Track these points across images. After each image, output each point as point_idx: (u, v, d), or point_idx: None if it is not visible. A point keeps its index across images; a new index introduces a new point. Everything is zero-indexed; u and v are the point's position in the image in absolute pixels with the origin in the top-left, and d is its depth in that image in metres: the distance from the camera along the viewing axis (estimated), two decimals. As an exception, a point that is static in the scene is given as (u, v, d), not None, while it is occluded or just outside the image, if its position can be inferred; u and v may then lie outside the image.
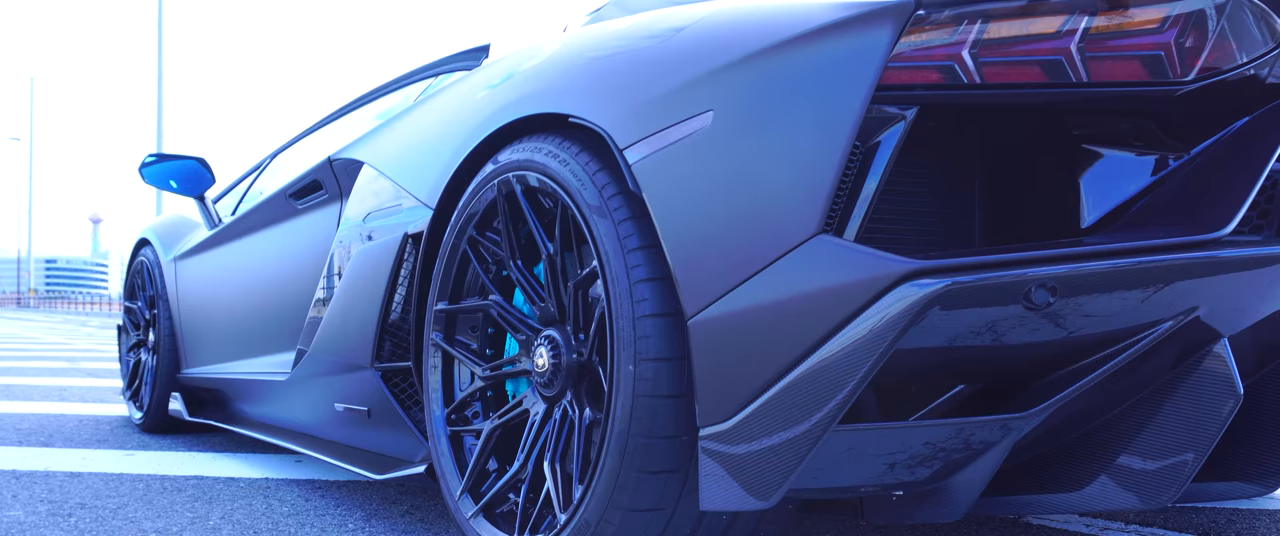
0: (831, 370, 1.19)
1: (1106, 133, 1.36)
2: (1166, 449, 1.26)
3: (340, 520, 2.14)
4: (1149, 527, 2.14)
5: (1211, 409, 1.22)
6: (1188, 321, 1.19)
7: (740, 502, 1.29)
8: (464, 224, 1.75)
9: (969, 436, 1.27)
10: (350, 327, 2.09)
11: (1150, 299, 1.17)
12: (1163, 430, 1.25)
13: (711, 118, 1.31)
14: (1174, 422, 1.25)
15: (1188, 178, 1.30)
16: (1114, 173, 1.36)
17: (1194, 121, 1.32)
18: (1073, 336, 1.20)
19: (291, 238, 2.73)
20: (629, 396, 1.35)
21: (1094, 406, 1.29)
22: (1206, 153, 1.32)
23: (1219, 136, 1.32)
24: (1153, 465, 1.27)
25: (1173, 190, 1.30)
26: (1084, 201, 1.37)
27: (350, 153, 2.38)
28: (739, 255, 1.26)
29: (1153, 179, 1.34)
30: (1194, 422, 1.24)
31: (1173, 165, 1.34)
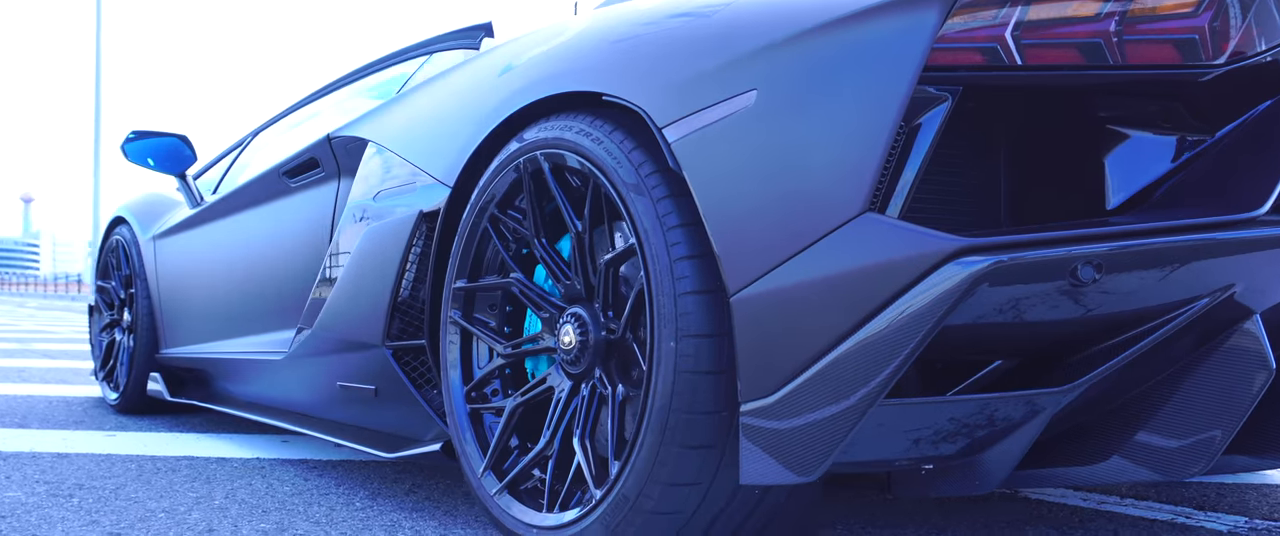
0: (878, 345, 1.21)
1: (1134, 115, 1.39)
2: (1199, 422, 1.29)
3: (346, 498, 2.13)
4: (1144, 501, 2.20)
5: (1244, 383, 1.26)
6: (1224, 298, 1.22)
7: (781, 476, 1.31)
8: (485, 202, 1.75)
9: (1006, 411, 1.30)
10: (358, 306, 2.08)
11: (1190, 276, 1.20)
12: (1195, 403, 1.29)
13: (755, 97, 1.32)
14: (1206, 396, 1.28)
15: (1215, 160, 1.33)
16: (1141, 154, 1.39)
17: (1218, 105, 1.35)
18: (1113, 312, 1.23)
19: (286, 216, 2.70)
20: (670, 372, 1.36)
21: (1127, 380, 1.32)
22: (1231, 135, 1.35)
23: (1242, 119, 1.35)
24: (1185, 437, 1.31)
25: (1200, 172, 1.33)
26: (1111, 182, 1.40)
27: (353, 131, 2.35)
28: (783, 233, 1.27)
29: (1180, 160, 1.37)
30: (1226, 396, 1.27)
31: (1199, 147, 1.37)
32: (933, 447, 1.35)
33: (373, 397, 2.12)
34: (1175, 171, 1.36)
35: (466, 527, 1.87)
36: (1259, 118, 1.34)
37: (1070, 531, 1.89)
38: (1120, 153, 1.40)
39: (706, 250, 1.37)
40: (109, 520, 1.90)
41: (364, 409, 2.18)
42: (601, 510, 1.46)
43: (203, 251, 3.21)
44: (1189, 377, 1.29)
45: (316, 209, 2.56)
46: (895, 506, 2.08)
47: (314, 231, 2.56)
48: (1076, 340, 1.28)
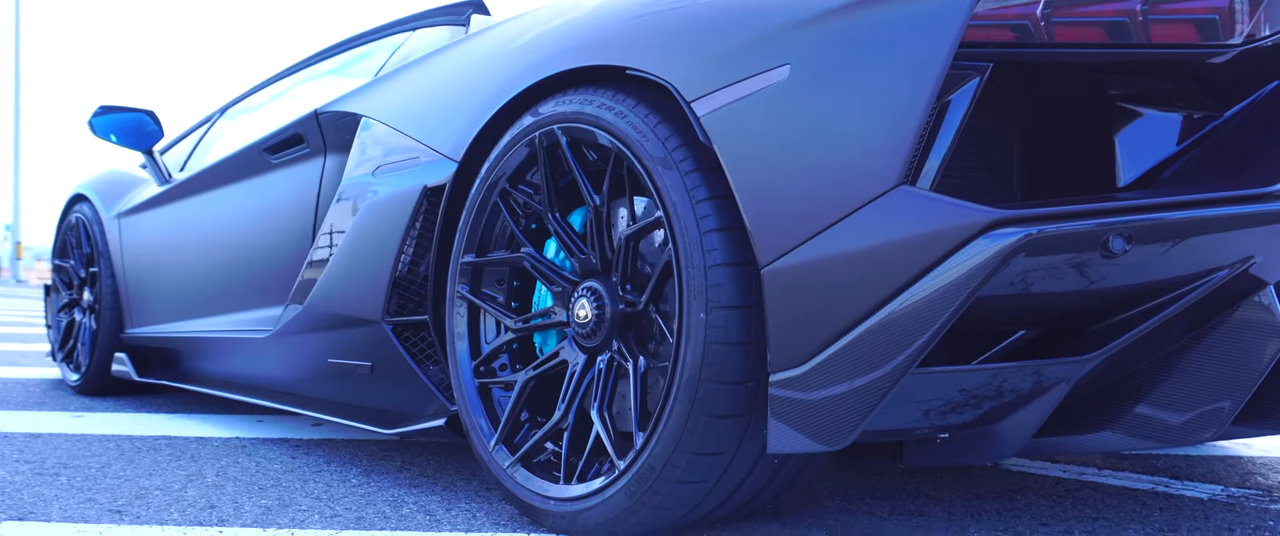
0: (912, 316, 1.23)
1: (1147, 93, 1.43)
2: (1212, 390, 1.34)
3: (340, 475, 2.11)
4: (1121, 472, 2.27)
5: (1257, 352, 1.31)
6: (1243, 269, 1.27)
7: (809, 445, 1.33)
8: (496, 176, 1.75)
9: (1028, 380, 1.33)
10: (356, 281, 2.06)
11: (1213, 247, 1.25)
12: (1209, 372, 1.34)
13: (788, 72, 1.33)
14: (1220, 365, 1.33)
15: (1228, 138, 1.38)
16: (1153, 132, 1.43)
17: (1228, 85, 1.40)
18: (1139, 283, 1.27)
19: (267, 192, 2.66)
20: (700, 343, 1.38)
21: (1141, 350, 1.37)
22: (1241, 115, 1.40)
23: (1251, 99, 1.40)
24: (1198, 405, 1.36)
25: (1213, 149, 1.38)
26: (1123, 159, 1.44)
27: (344, 106, 2.33)
28: (816, 206, 1.29)
29: (1192, 139, 1.42)
30: (1239, 365, 1.32)
31: (1210, 126, 1.41)
32: (954, 416, 1.39)
33: (368, 374, 2.10)
34: (1188, 149, 1.40)
35: (470, 501, 1.87)
36: (1265, 99, 1.39)
37: (1058, 501, 1.94)
38: (1133, 130, 1.44)
39: (736, 223, 1.39)
40: (104, 497, 1.86)
41: (357, 385, 2.17)
42: (626, 480, 1.47)
43: (174, 229, 3.14)
44: (1203, 347, 1.34)
45: (301, 185, 2.53)
46: (889, 478, 2.12)
47: (298, 208, 2.52)
48: (1101, 310, 1.32)
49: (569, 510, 1.56)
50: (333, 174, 2.45)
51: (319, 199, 2.48)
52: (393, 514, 1.77)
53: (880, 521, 1.74)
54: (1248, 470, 2.34)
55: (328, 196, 2.45)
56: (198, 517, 1.72)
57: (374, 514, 1.77)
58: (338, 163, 2.44)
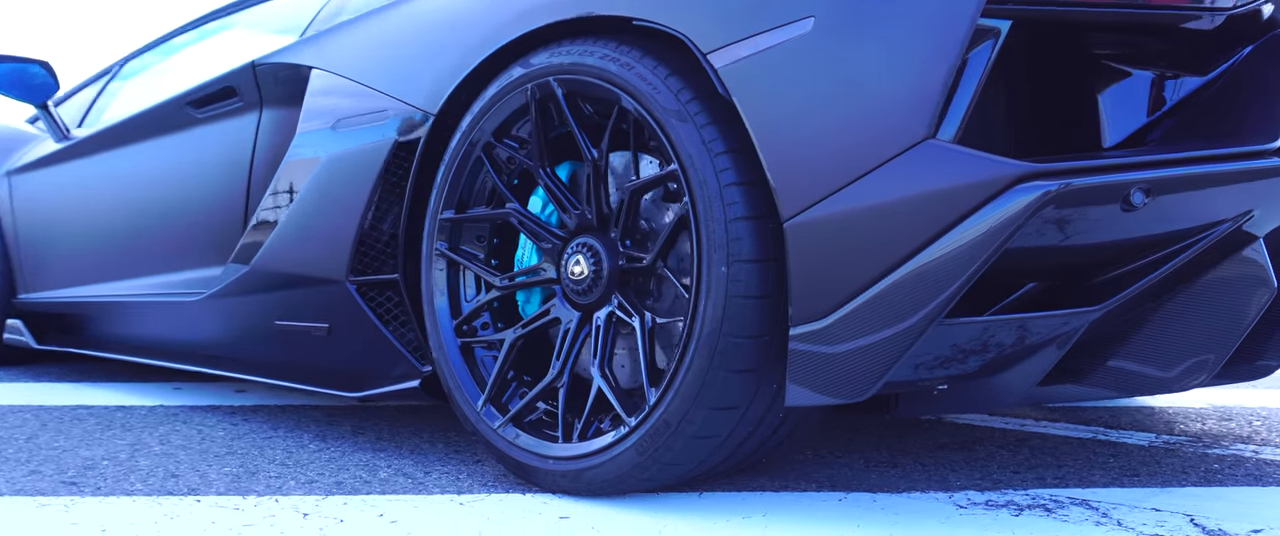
0: (940, 269, 1.25)
1: (1139, 54, 1.48)
2: (1201, 340, 1.41)
3: (295, 441, 2.03)
4: (1057, 423, 2.37)
5: (1247, 301, 1.38)
6: (1242, 223, 1.33)
7: (829, 398, 1.34)
8: (479, 130, 1.69)
9: (1040, 330, 1.37)
10: (314, 240, 1.97)
11: (1220, 201, 1.30)
12: (1202, 321, 1.40)
13: (812, 24, 1.33)
14: (1212, 315, 1.40)
15: (1216, 98, 1.44)
16: (1144, 91, 1.48)
17: (1215, 49, 1.46)
18: (1150, 235, 1.32)
19: (193, 149, 2.52)
20: (721, 297, 1.37)
21: (1138, 301, 1.42)
22: (1226, 76, 1.46)
23: (1234, 60, 1.46)
24: (1188, 355, 1.43)
25: (1203, 108, 1.44)
26: (1115, 117, 1.49)
27: (289, 57, 2.21)
28: (841, 159, 1.30)
29: (1180, 97, 1.47)
30: (1231, 314, 1.39)
31: (1196, 85, 1.47)
32: (958, 367, 1.42)
33: (324, 336, 2.02)
34: (1178, 108, 1.46)
35: (446, 464, 1.82)
36: (1245, 60, 1.45)
37: (1015, 450, 2.02)
38: (1124, 90, 1.49)
39: (755, 177, 1.38)
40: (49, 469, 1.74)
41: (310, 348, 2.08)
42: (638, 436, 1.45)
43: (78, 188, 2.95)
44: (1196, 300, 1.40)
45: (233, 141, 2.41)
46: (857, 431, 2.16)
47: (230, 165, 2.40)
48: (1111, 262, 1.36)
49: (571, 468, 1.53)
50: (270, 129, 2.33)
51: (254, 155, 2.37)
52: (371, 478, 1.71)
53: (860, 472, 1.78)
54: (1169, 419, 2.48)
55: (264, 153, 2.34)
56: (165, 487, 1.63)
57: (351, 478, 1.71)
58: (276, 117, 2.33)
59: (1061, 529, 1.41)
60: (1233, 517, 1.48)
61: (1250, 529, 1.42)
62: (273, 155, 2.32)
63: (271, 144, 2.33)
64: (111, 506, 1.49)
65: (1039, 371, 1.44)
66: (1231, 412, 2.61)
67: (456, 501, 1.55)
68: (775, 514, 1.48)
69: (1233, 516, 1.49)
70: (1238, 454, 2.02)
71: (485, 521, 1.44)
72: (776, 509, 1.51)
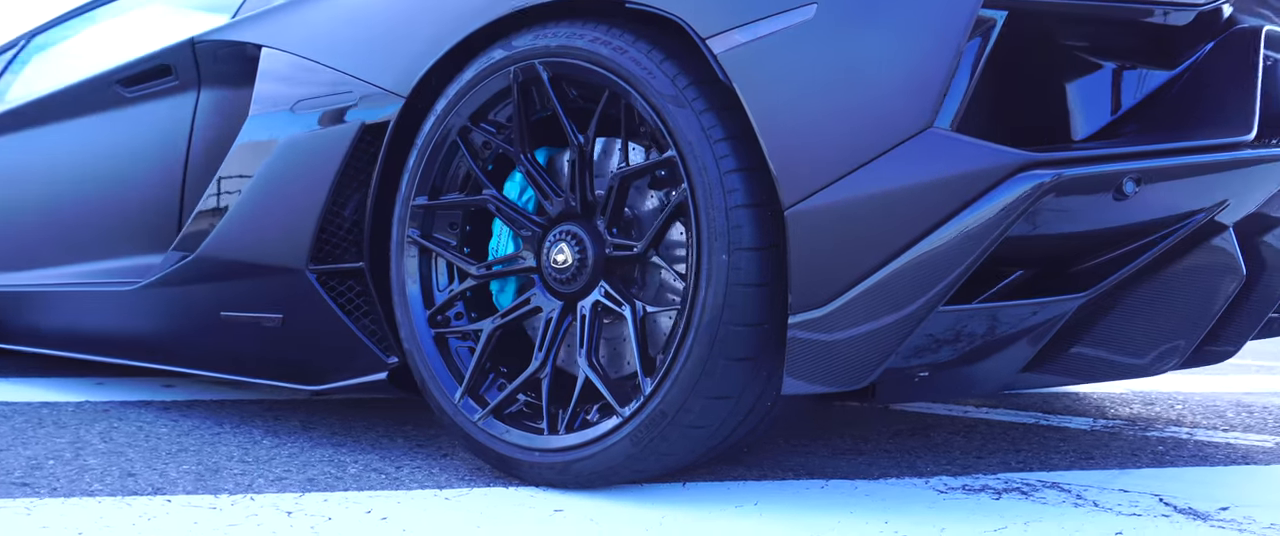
0: (941, 256, 1.27)
1: (1110, 47, 1.52)
2: (1177, 323, 1.47)
3: (246, 437, 1.95)
4: (997, 409, 2.44)
5: (1218, 287, 1.44)
6: (1217, 212, 1.39)
7: (827, 385, 1.35)
8: (455, 114, 1.65)
9: (1029, 316, 1.41)
10: (270, 228, 1.90)
11: (1200, 191, 1.36)
12: (1175, 307, 1.46)
13: (815, 10, 1.33)
14: (1185, 300, 1.45)
15: (1187, 91, 1.49)
16: (1116, 83, 1.53)
17: (1180, 41, 1.51)
18: (1135, 223, 1.36)
19: (121, 130, 2.40)
20: (722, 285, 1.36)
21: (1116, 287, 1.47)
22: (1191, 69, 1.51)
23: (1197, 56, 1.51)
24: (1161, 341, 1.48)
25: (1177, 101, 1.49)
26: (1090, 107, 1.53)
27: (234, 35, 2.12)
28: (843, 147, 1.31)
29: (1151, 90, 1.52)
30: (1203, 300, 1.45)
31: (1165, 78, 1.52)
32: (951, 352, 1.44)
33: (278, 327, 1.95)
34: (1154, 100, 1.51)
35: (414, 458, 1.78)
36: (1210, 55, 1.50)
37: (970, 437, 2.07)
38: (1097, 81, 1.53)
39: (755, 164, 1.38)
40: (-8, 470, 1.64)
41: (260, 340, 2.01)
42: (633, 426, 1.44)
43: (-13, 171, 2.78)
44: (1171, 285, 1.45)
45: (168, 123, 2.30)
46: (816, 419, 2.18)
47: (165, 148, 2.30)
48: (1098, 248, 1.40)
49: (559, 460, 1.51)
50: (210, 110, 2.24)
51: (191, 138, 2.27)
52: (341, 474, 1.66)
53: (828, 460, 1.80)
54: (1098, 404, 2.58)
55: (203, 135, 2.24)
56: (126, 486, 1.55)
57: (321, 475, 1.65)
58: (216, 98, 2.24)
59: (1043, 511, 1.45)
60: (1198, 497, 1.55)
61: (1218, 506, 1.49)
62: (212, 137, 2.23)
63: (211, 125, 2.24)
64: (77, 508, 1.41)
65: (1023, 358, 1.47)
66: (1153, 397, 2.73)
67: (441, 496, 1.51)
68: (766, 502, 1.48)
69: (1197, 496, 1.56)
70: (1175, 436, 2.11)
71: (479, 516, 1.40)
72: (765, 497, 1.51)
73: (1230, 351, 1.67)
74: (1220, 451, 1.94)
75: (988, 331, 1.42)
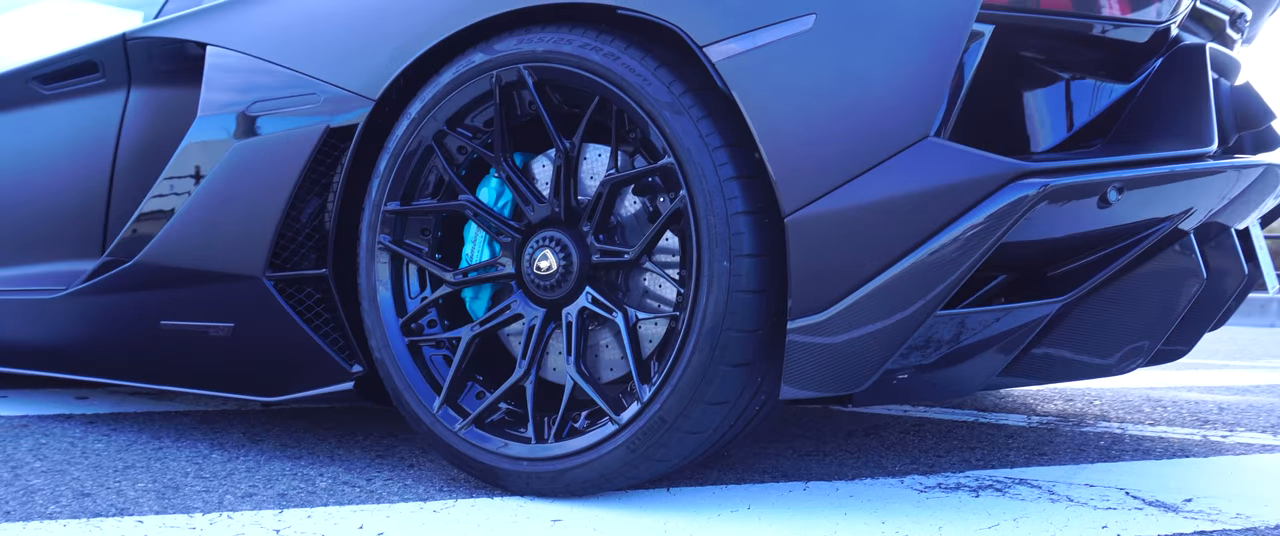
0: (940, 261, 1.31)
1: (1074, 61, 1.58)
2: (1142, 324, 1.54)
3: (194, 452, 1.87)
4: (935, 407, 2.52)
5: (1182, 289, 1.51)
6: (1183, 219, 1.46)
7: (824, 390, 1.38)
8: (430, 117, 1.61)
9: (1013, 319, 1.45)
10: (223, 233, 1.82)
11: (1172, 198, 1.43)
12: (1141, 309, 1.53)
13: (813, 21, 1.35)
14: (1151, 303, 1.52)
15: (1142, 103, 1.56)
16: (1081, 95, 1.59)
17: (1136, 57, 1.58)
18: (1111, 228, 1.42)
19: (39, 130, 2.27)
20: (723, 292, 1.37)
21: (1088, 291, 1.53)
22: (1144, 83, 1.59)
23: (1149, 72, 1.59)
24: (1132, 338, 1.55)
25: (1136, 113, 1.56)
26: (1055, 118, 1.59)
27: (173, 32, 2.03)
28: (842, 155, 1.33)
29: (1109, 103, 1.59)
30: (1166, 302, 1.52)
31: (1123, 91, 1.59)
32: (938, 354, 1.48)
33: (227, 336, 1.87)
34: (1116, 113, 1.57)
35: (380, 470, 1.73)
36: (1161, 71, 1.58)
37: (920, 434, 2.13)
38: (1060, 93, 1.59)
39: (753, 171, 1.39)
40: (-72, 494, 1.53)
41: (205, 350, 1.92)
42: (630, 433, 1.43)
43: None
44: (1137, 288, 1.52)
45: (93, 122, 2.19)
46: (771, 423, 2.21)
47: (91, 148, 2.19)
48: (1077, 254, 1.46)
49: (550, 469, 1.49)
50: (141, 110, 2.14)
51: (119, 139, 2.16)
52: (313, 488, 1.60)
53: (797, 461, 1.83)
54: (1025, 402, 2.68)
55: (133, 136, 2.14)
56: (86, 508, 1.46)
57: (294, 490, 1.59)
58: (149, 97, 2.14)
59: (1025, 507, 1.50)
60: (1159, 490, 1.62)
61: (1183, 498, 1.56)
62: (144, 138, 2.13)
63: (142, 126, 2.14)
64: (44, 533, 1.33)
65: (1003, 360, 1.52)
66: (1072, 394, 2.85)
67: (427, 509, 1.47)
68: (758, 506, 1.49)
69: (1158, 489, 1.63)
70: (1108, 431, 2.21)
71: (476, 529, 1.37)
72: (755, 501, 1.52)
73: (1183, 351, 1.76)
74: (1158, 445, 2.03)
75: (971, 335, 1.46)
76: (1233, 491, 1.62)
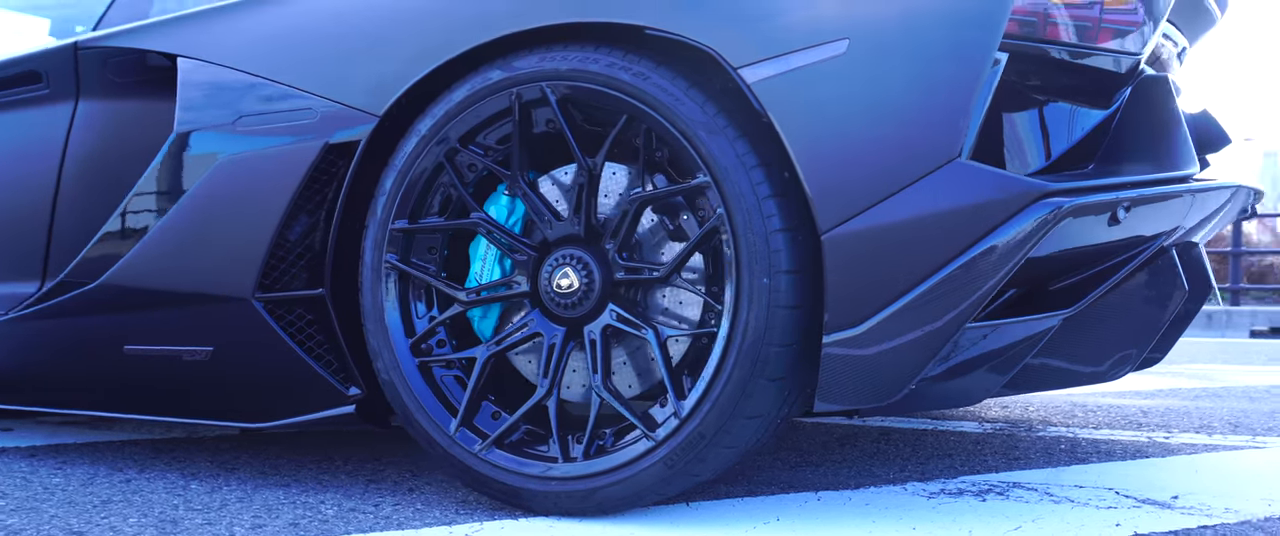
0: (971, 276, 1.36)
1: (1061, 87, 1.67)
2: (1131, 333, 1.63)
3: (170, 484, 1.78)
4: (891, 417, 2.60)
5: (1167, 300, 1.61)
6: (1172, 236, 1.56)
7: (858, 401, 1.42)
8: (443, 135, 1.59)
9: (1022, 332, 1.52)
10: (206, 253, 1.74)
11: (1166, 216, 1.52)
12: (1129, 319, 1.62)
13: (847, 46, 1.39)
14: (1135, 314, 1.62)
15: (1121, 128, 1.66)
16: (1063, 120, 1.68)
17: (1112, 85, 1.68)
18: (1113, 243, 1.51)
19: (-26, 143, 2.13)
20: (764, 308, 1.39)
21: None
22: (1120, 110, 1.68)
23: (1121, 99, 1.68)
24: (1121, 346, 1.64)
25: (1119, 137, 1.65)
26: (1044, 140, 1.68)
27: (136, 42, 1.93)
28: (876, 175, 1.37)
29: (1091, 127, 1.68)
30: (1151, 313, 1.62)
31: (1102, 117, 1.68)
32: (950, 365, 1.54)
33: (205, 361, 1.79)
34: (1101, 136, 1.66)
35: (380, 494, 1.68)
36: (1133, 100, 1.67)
37: (895, 442, 2.20)
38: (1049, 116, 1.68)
39: (787, 190, 1.42)
40: (-96, 538, 1.42)
41: (176, 376, 1.83)
42: (667, 449, 1.44)
43: None
44: (1127, 300, 1.62)
45: (34, 136, 2.07)
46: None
47: (30, 163, 2.07)
48: (1083, 266, 1.54)
49: (580, 488, 1.48)
50: (91, 124, 2.04)
51: (65, 154, 2.05)
52: (319, 515, 1.55)
53: (792, 471, 1.86)
54: (972, 408, 2.79)
55: (80, 151, 2.04)
56: (93, 546, 1.38)
57: (307, 519, 1.53)
58: (99, 110, 2.04)
59: (1036, 509, 1.57)
60: (1143, 488, 1.72)
61: (1170, 495, 1.66)
62: (93, 153, 2.03)
63: (92, 140, 2.03)
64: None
65: (1010, 371, 1.59)
66: (1006, 401, 2.98)
67: (459, 534, 1.44)
68: (787, 517, 1.52)
69: (1140, 488, 1.73)
70: (1062, 436, 2.32)
71: (522, 550, 1.36)
72: (782, 512, 1.55)
73: (1158, 358, 1.87)
74: (1115, 447, 2.15)
75: (985, 346, 1.53)
76: (1207, 487, 1.73)
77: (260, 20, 1.82)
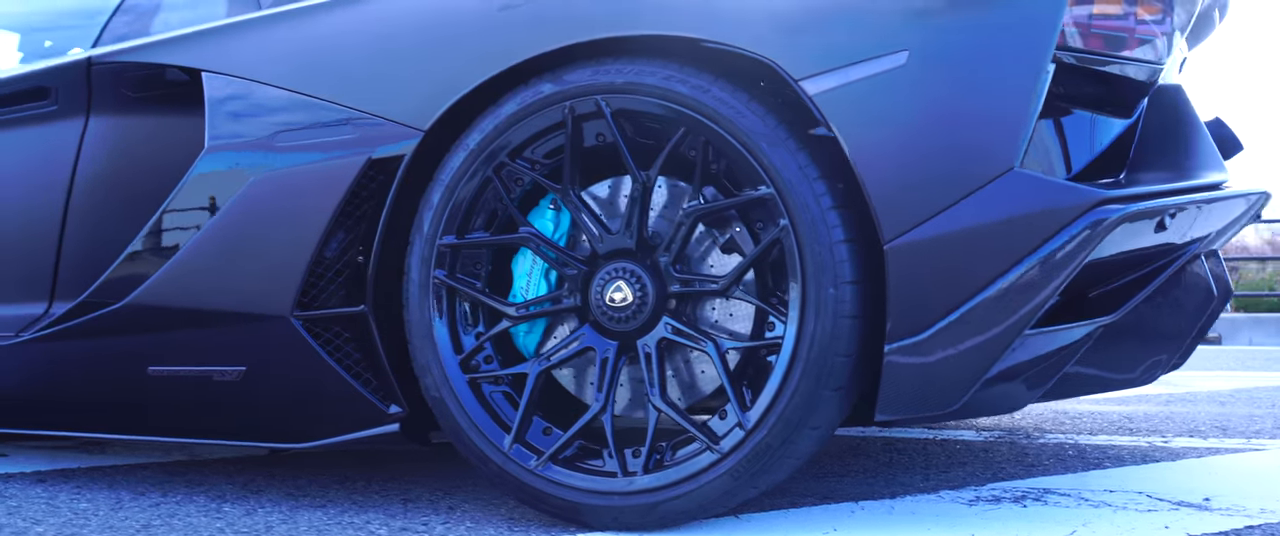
0: (1031, 283, 1.40)
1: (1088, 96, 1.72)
2: (1165, 338, 1.68)
3: (201, 505, 1.74)
4: (888, 429, 2.63)
5: (1196, 306, 1.67)
6: (1202, 243, 1.62)
7: (923, 410, 1.44)
8: (492, 149, 1.58)
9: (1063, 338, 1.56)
10: (243, 271, 1.71)
11: (1204, 221, 1.58)
12: (1164, 324, 1.67)
13: (906, 57, 1.42)
14: (1171, 319, 1.67)
15: (1146, 136, 1.71)
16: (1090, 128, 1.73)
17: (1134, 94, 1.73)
18: (1152, 248, 1.56)
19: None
20: (830, 318, 1.41)
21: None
22: (1141, 118, 1.74)
23: (1141, 109, 1.74)
24: (1148, 356, 1.69)
25: (1146, 145, 1.71)
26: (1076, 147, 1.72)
27: (155, 57, 1.89)
28: (937, 186, 1.40)
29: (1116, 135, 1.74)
30: (1186, 318, 1.68)
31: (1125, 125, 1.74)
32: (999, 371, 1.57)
33: (236, 381, 1.76)
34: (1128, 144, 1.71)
35: (424, 514, 1.66)
36: (1152, 108, 1.73)
37: (909, 453, 2.23)
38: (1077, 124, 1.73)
39: (847, 201, 1.44)
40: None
41: (204, 397, 1.79)
42: (734, 461, 1.45)
43: None
44: (1158, 306, 1.67)
45: (42, 153, 2.02)
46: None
47: (39, 181, 2.02)
48: (1125, 271, 1.58)
49: (643, 502, 1.48)
50: (103, 140, 1.99)
51: (76, 172, 2.00)
52: (370, 534, 1.53)
53: (822, 481, 1.88)
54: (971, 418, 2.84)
55: (92, 170, 1.99)
56: (153, 571, 1.34)
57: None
58: (113, 126, 1.99)
59: (1078, 515, 1.61)
60: (1171, 491, 1.77)
61: (1202, 497, 1.71)
62: (104, 172, 1.99)
63: (104, 157, 1.99)
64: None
65: (1051, 377, 1.62)
66: (992, 408, 3.03)
67: (524, 548, 1.44)
68: (843, 529, 1.53)
69: (1170, 490, 1.78)
70: (1065, 442, 2.38)
71: (598, 564, 1.35)
72: (838, 523, 1.56)
73: (1179, 363, 1.93)
74: (1123, 452, 2.21)
75: (1033, 352, 1.56)
76: (1234, 489, 1.79)
77: (292, 34, 1.80)
